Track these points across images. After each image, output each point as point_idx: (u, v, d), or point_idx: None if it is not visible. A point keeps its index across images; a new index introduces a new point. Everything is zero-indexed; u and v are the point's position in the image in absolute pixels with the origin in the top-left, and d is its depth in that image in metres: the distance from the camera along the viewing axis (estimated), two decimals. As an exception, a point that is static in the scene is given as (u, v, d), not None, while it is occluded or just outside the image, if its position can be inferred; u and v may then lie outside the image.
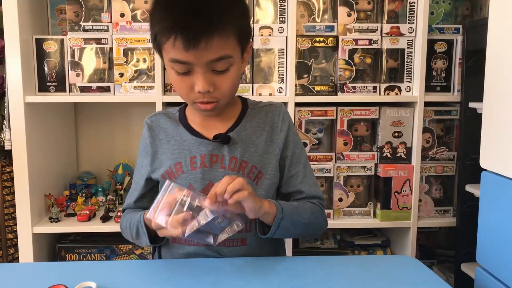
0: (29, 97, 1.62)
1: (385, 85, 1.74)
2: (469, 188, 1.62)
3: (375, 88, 1.73)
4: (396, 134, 1.74)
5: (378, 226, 1.80)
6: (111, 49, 1.68)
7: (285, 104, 1.70)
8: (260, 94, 1.70)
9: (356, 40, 1.70)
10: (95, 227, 1.70)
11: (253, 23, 1.69)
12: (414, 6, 1.69)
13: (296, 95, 1.69)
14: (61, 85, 1.69)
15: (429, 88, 1.73)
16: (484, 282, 1.08)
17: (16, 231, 1.70)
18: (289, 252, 1.73)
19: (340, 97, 1.72)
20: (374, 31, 1.71)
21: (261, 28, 1.68)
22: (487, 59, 1.10)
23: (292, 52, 1.66)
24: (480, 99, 1.56)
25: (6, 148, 1.68)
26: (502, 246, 1.01)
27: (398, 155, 1.75)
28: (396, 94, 1.74)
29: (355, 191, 1.78)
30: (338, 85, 1.72)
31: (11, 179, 1.70)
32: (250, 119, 1.02)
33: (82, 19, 1.69)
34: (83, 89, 1.69)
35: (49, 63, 1.69)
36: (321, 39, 1.70)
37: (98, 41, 1.67)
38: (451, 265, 1.90)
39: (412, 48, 1.72)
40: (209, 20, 0.85)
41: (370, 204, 1.80)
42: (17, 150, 1.62)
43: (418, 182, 1.74)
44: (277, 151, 1.01)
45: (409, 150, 1.75)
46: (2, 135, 1.70)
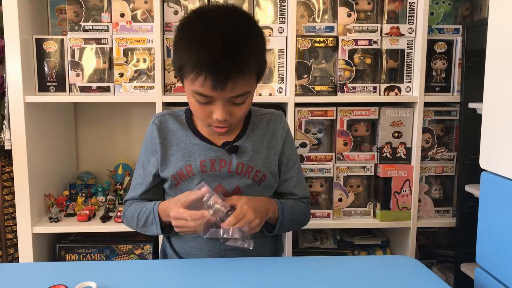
0: (29, 97, 1.63)
1: (385, 85, 1.74)
2: (468, 188, 1.62)
3: (375, 88, 1.73)
4: (396, 134, 1.74)
5: (377, 226, 1.80)
6: (111, 49, 1.68)
7: (285, 104, 1.71)
8: (260, 94, 1.70)
9: (356, 41, 1.70)
10: (95, 227, 1.70)
11: (253, 23, 1.69)
12: (414, 6, 1.70)
13: (296, 95, 1.69)
14: (61, 85, 1.69)
15: (429, 89, 1.73)
16: (483, 282, 1.08)
17: (16, 231, 1.70)
18: (289, 252, 1.73)
19: (340, 97, 1.72)
20: (374, 31, 1.71)
21: (261, 28, 1.68)
22: (487, 59, 1.10)
23: (292, 52, 1.66)
24: (479, 99, 1.56)
25: (6, 148, 1.68)
26: (502, 246, 1.01)
27: (398, 155, 1.75)
28: (396, 94, 1.74)
29: (355, 191, 1.78)
30: (338, 85, 1.72)
31: (11, 179, 1.70)
32: (254, 127, 1.11)
33: (82, 19, 1.69)
34: (83, 89, 1.69)
35: (49, 63, 1.69)
36: (321, 39, 1.70)
37: (98, 41, 1.68)
38: (450, 265, 1.90)
39: (412, 49, 1.72)
40: (238, 63, 0.91)
41: (370, 204, 1.80)
42: (17, 150, 1.62)
43: (418, 182, 1.74)
44: (276, 157, 1.11)
45: (408, 151, 1.75)
46: (2, 135, 1.70)
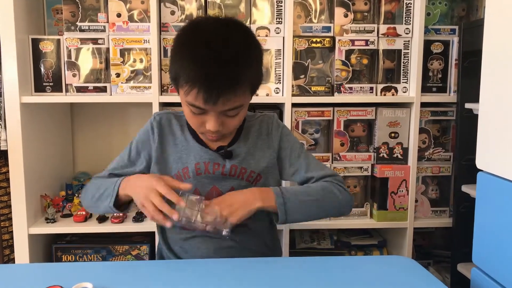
0: (25, 97, 1.62)
1: (382, 85, 1.74)
2: (465, 188, 1.62)
3: (371, 88, 1.73)
4: (393, 134, 1.75)
5: (374, 226, 1.81)
6: (107, 49, 1.68)
7: (282, 104, 1.71)
8: (257, 95, 1.69)
9: (352, 41, 1.70)
10: (91, 227, 1.70)
11: (250, 23, 1.69)
12: (411, 7, 1.70)
13: (293, 95, 1.69)
14: (57, 85, 1.69)
15: (425, 89, 1.73)
16: (480, 282, 1.08)
17: (12, 231, 1.69)
18: (285, 252, 1.73)
19: (337, 98, 1.72)
20: (371, 32, 1.72)
21: (258, 28, 1.68)
22: (483, 59, 1.10)
23: (289, 52, 1.67)
24: (476, 99, 1.57)
25: (2, 148, 1.66)
26: (498, 246, 1.02)
27: (395, 155, 1.75)
28: (393, 94, 1.74)
29: (351, 192, 1.78)
30: (335, 85, 1.72)
31: (7, 180, 1.69)
32: (248, 132, 1.11)
33: (79, 19, 1.68)
34: (80, 89, 1.69)
35: (45, 63, 1.68)
36: (318, 39, 1.70)
37: (94, 41, 1.67)
38: (447, 265, 1.91)
39: (408, 49, 1.72)
40: (231, 79, 0.91)
41: (367, 204, 1.80)
42: (13, 150, 1.61)
43: (415, 183, 1.75)
44: (274, 155, 1.11)
45: (405, 151, 1.75)
46: (-2, 135, 1.70)
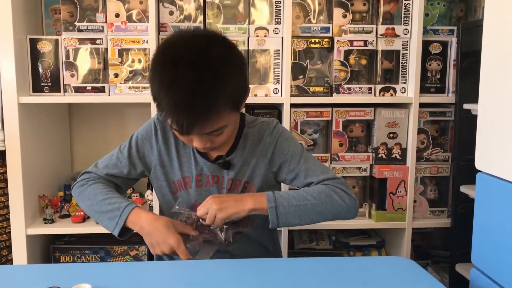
0: (23, 97, 1.61)
1: (380, 86, 1.74)
2: (463, 189, 1.63)
3: (370, 89, 1.73)
4: (391, 135, 1.75)
5: (373, 227, 1.81)
6: (106, 49, 1.67)
7: (281, 105, 1.71)
8: (255, 95, 1.70)
9: (351, 41, 1.70)
10: (89, 228, 1.69)
11: (248, 24, 1.69)
12: (409, 7, 1.70)
13: (292, 96, 1.69)
14: (55, 86, 1.68)
15: (424, 89, 1.74)
16: (479, 283, 1.08)
17: (9, 232, 1.69)
18: (284, 253, 1.73)
19: (336, 98, 1.72)
20: (369, 32, 1.72)
21: (256, 29, 1.68)
22: (482, 60, 1.10)
23: (288, 53, 1.66)
24: (474, 100, 1.57)
25: (-1, 149, 1.66)
26: (497, 247, 1.02)
27: (393, 156, 1.75)
28: (391, 95, 1.74)
29: (350, 192, 1.78)
30: (334, 86, 1.72)
31: (5, 180, 1.68)
32: (246, 139, 1.08)
33: (77, 19, 1.68)
34: (78, 90, 1.68)
35: (44, 63, 1.68)
36: (317, 40, 1.70)
37: (93, 41, 1.67)
38: (445, 265, 1.91)
39: (407, 50, 1.72)
40: (203, 107, 0.88)
41: (365, 205, 1.80)
42: (11, 151, 1.61)
43: (413, 183, 1.75)
44: (266, 162, 1.07)
45: (404, 151, 1.75)
46: (-5, 136, 1.69)
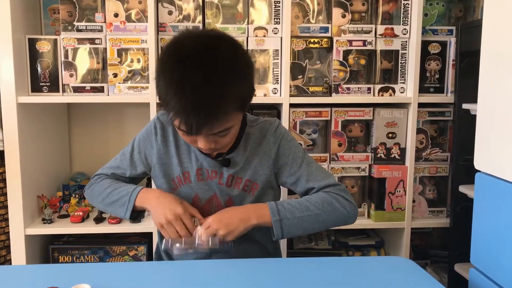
0: (21, 97, 1.61)
1: (379, 86, 1.74)
2: (462, 189, 1.63)
3: (369, 89, 1.73)
4: (390, 135, 1.75)
5: (372, 227, 1.81)
6: (105, 49, 1.67)
7: (280, 105, 1.71)
8: (255, 95, 1.69)
9: (350, 41, 1.70)
10: (88, 228, 1.69)
11: (247, 24, 1.69)
12: (408, 7, 1.70)
13: (291, 96, 1.69)
14: (54, 86, 1.68)
15: (423, 89, 1.74)
16: (478, 283, 1.08)
17: (8, 232, 1.68)
18: (283, 253, 1.73)
19: (335, 98, 1.72)
20: (368, 32, 1.72)
21: (255, 29, 1.68)
22: (481, 60, 1.11)
23: (287, 53, 1.66)
24: (473, 100, 1.57)
25: (-2, 149, 1.66)
26: (496, 247, 1.02)
27: (392, 156, 1.76)
28: (390, 95, 1.74)
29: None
30: (333, 86, 1.72)
31: (4, 180, 1.68)
32: (247, 138, 1.08)
33: (76, 19, 1.68)
34: (77, 90, 1.68)
35: (42, 63, 1.67)
36: (316, 40, 1.70)
37: (91, 41, 1.66)
38: (444, 265, 1.91)
39: (406, 50, 1.73)
40: (212, 110, 0.88)
41: (364, 205, 1.80)
42: (10, 151, 1.60)
43: (412, 183, 1.75)
44: (270, 162, 1.08)
45: (403, 151, 1.75)
46: (-6, 135, 1.69)
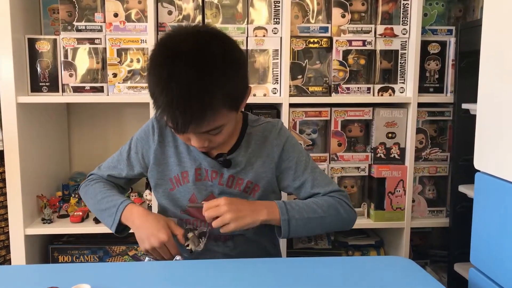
0: (21, 97, 1.61)
1: (379, 86, 1.74)
2: (462, 188, 1.63)
3: (369, 89, 1.73)
4: (390, 135, 1.75)
5: (372, 226, 1.81)
6: (104, 49, 1.67)
7: (279, 105, 1.71)
8: (254, 95, 1.70)
9: (350, 41, 1.70)
10: (88, 228, 1.69)
11: (247, 23, 1.69)
12: (408, 7, 1.70)
13: (290, 96, 1.69)
14: (53, 85, 1.68)
15: (422, 89, 1.74)
16: (478, 282, 1.08)
17: (8, 232, 1.68)
18: (283, 253, 1.72)
19: (334, 98, 1.72)
20: (368, 32, 1.72)
21: (255, 29, 1.68)
22: (481, 59, 1.10)
23: (286, 53, 1.66)
24: (473, 100, 1.57)
25: (-2, 148, 1.66)
26: (496, 247, 1.02)
27: (392, 155, 1.76)
28: (390, 95, 1.75)
29: (349, 192, 1.78)
30: (332, 86, 1.72)
31: (3, 180, 1.68)
32: (249, 139, 1.07)
33: (75, 19, 1.67)
34: (76, 90, 1.68)
35: (42, 63, 1.67)
36: (315, 40, 1.70)
37: (91, 41, 1.66)
38: (444, 265, 1.91)
39: (405, 49, 1.73)
40: (198, 106, 0.87)
41: (364, 204, 1.80)
42: (9, 150, 1.60)
43: (412, 183, 1.75)
44: (273, 165, 1.07)
45: (402, 151, 1.75)
46: (-7, 135, 1.69)
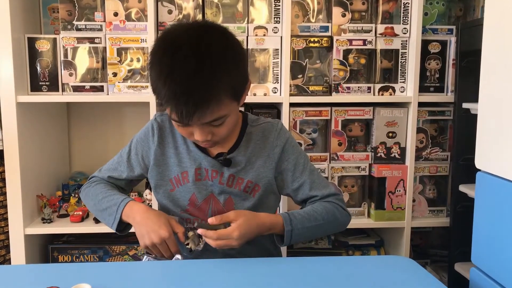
0: (21, 96, 1.61)
1: (379, 85, 1.74)
2: (462, 188, 1.63)
3: (369, 88, 1.73)
4: (390, 134, 1.75)
5: (372, 226, 1.81)
6: (104, 48, 1.66)
7: (280, 104, 1.70)
8: (254, 94, 1.69)
9: (350, 41, 1.70)
10: (88, 228, 1.69)
11: (247, 23, 1.68)
12: (408, 7, 1.70)
13: (291, 95, 1.69)
14: (53, 85, 1.67)
15: (423, 89, 1.73)
16: (479, 282, 1.08)
17: (8, 232, 1.68)
18: (283, 252, 1.72)
19: (335, 98, 1.72)
20: (369, 31, 1.71)
21: (255, 28, 1.68)
22: (483, 58, 1.10)
23: (287, 52, 1.66)
24: (473, 99, 1.57)
25: (-3, 148, 1.66)
26: (497, 246, 1.02)
27: (392, 155, 1.75)
28: (390, 94, 1.74)
29: (349, 191, 1.78)
30: (333, 85, 1.72)
31: (3, 180, 1.68)
32: (249, 139, 1.07)
33: (75, 18, 1.67)
34: (76, 89, 1.68)
35: (42, 63, 1.67)
36: (316, 39, 1.70)
37: (91, 40, 1.66)
38: (444, 264, 1.91)
39: (406, 49, 1.72)
40: (202, 95, 0.88)
41: (364, 204, 1.80)
42: (9, 150, 1.60)
43: (412, 182, 1.75)
44: (273, 165, 1.07)
45: (403, 151, 1.75)
46: (-7, 135, 1.68)
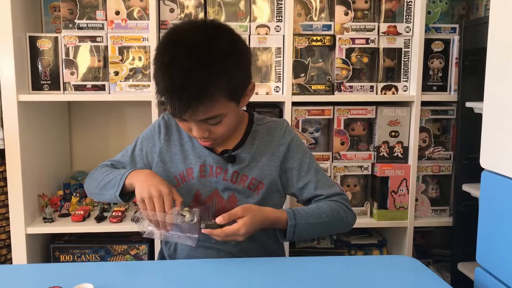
0: (22, 95, 1.60)
1: (382, 84, 1.73)
2: (465, 187, 1.62)
3: (372, 87, 1.72)
4: (393, 133, 1.74)
5: (375, 225, 1.80)
6: (106, 47, 1.66)
7: (282, 103, 1.70)
8: (257, 93, 1.69)
9: (353, 39, 1.70)
10: (89, 227, 1.68)
11: (249, 21, 1.68)
12: (411, 5, 1.69)
13: (293, 94, 1.68)
14: (55, 84, 1.67)
15: (426, 88, 1.73)
16: (484, 282, 1.07)
17: (9, 231, 1.67)
18: (286, 252, 1.72)
19: (337, 97, 1.71)
20: (371, 30, 1.71)
21: (258, 26, 1.67)
22: (488, 57, 1.09)
23: (289, 51, 1.65)
24: (476, 98, 1.57)
25: (-1, 147, 1.65)
26: (503, 246, 1.01)
27: (395, 154, 1.75)
28: (393, 93, 1.74)
29: (352, 191, 1.78)
30: (335, 84, 1.71)
31: (4, 179, 1.67)
32: (254, 136, 1.08)
33: (77, 16, 1.67)
34: (78, 88, 1.67)
35: (43, 61, 1.66)
36: (318, 38, 1.69)
37: (93, 39, 1.65)
38: (447, 264, 1.90)
39: (409, 48, 1.72)
40: (196, 91, 0.90)
41: (367, 203, 1.79)
42: (10, 149, 1.60)
43: (415, 182, 1.74)
44: (278, 163, 1.08)
45: (405, 150, 1.75)
46: (-6, 134, 1.68)
